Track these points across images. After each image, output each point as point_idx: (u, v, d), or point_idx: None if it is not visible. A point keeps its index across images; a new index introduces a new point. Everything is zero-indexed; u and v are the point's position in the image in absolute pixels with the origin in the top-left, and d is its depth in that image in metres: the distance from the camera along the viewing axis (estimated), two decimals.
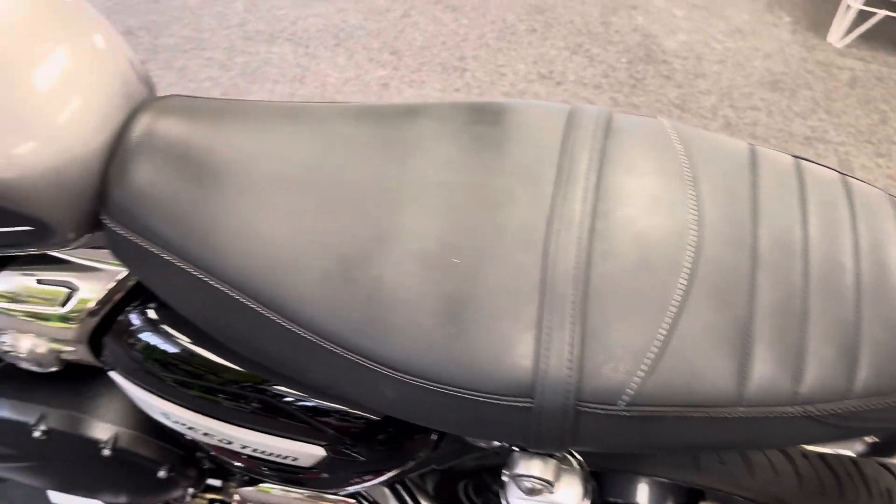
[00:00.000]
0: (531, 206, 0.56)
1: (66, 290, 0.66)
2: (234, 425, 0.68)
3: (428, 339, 0.53)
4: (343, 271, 0.54)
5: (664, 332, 0.51)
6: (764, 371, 0.51)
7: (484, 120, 0.62)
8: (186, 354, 0.66)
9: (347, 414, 0.66)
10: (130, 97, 0.60)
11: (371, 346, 0.54)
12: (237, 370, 0.66)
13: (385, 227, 0.56)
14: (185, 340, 0.66)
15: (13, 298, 0.67)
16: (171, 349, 0.66)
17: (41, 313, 0.67)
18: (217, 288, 0.56)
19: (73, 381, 0.79)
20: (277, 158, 0.58)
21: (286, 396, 0.66)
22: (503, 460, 0.71)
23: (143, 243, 0.57)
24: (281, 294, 0.55)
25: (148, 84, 0.64)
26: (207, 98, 0.63)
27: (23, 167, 0.53)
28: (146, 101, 0.62)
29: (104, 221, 0.59)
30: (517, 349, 0.52)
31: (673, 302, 0.52)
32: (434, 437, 0.70)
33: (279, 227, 0.56)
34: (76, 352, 0.72)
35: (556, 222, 0.55)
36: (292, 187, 0.57)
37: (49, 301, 0.67)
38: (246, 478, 0.87)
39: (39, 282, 0.67)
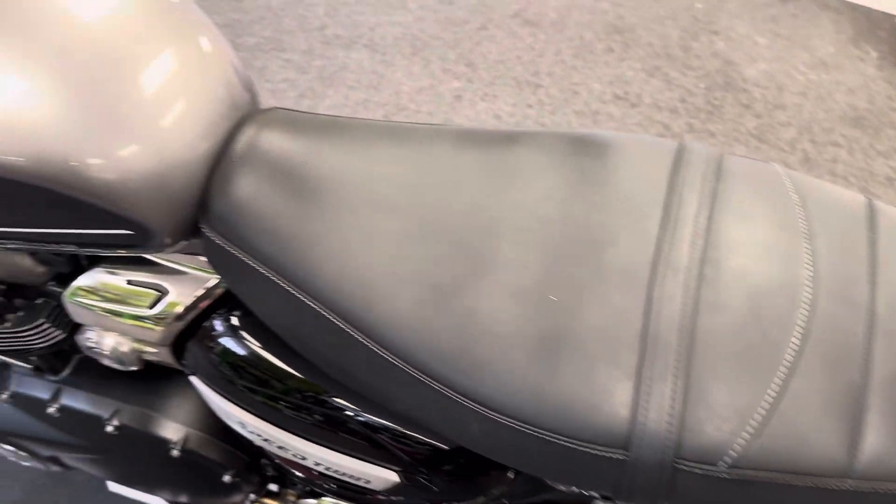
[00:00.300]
0: (635, 246, 0.54)
1: (156, 293, 0.67)
2: (312, 442, 0.68)
3: (520, 377, 0.51)
4: (436, 300, 0.53)
5: (774, 393, 0.49)
6: (876, 443, 0.48)
7: (587, 152, 0.60)
8: (269, 366, 0.66)
9: (427, 443, 0.65)
10: (234, 104, 0.60)
11: (460, 378, 0.52)
12: (319, 387, 0.65)
13: (482, 257, 0.54)
14: (268, 352, 0.66)
15: (102, 297, 0.68)
16: (254, 359, 0.66)
17: (128, 313, 0.68)
18: (309, 305, 0.55)
19: (148, 380, 0.80)
20: (378, 180, 0.58)
21: (365, 418, 0.66)
22: (576, 500, 0.69)
23: (240, 255, 0.57)
24: (372, 318, 0.54)
25: (251, 90, 0.64)
26: (310, 113, 0.63)
27: (125, 170, 0.53)
28: (250, 111, 0.62)
29: (203, 230, 0.59)
30: (614, 397, 0.50)
31: (784, 361, 0.50)
32: (511, 474, 0.69)
33: (376, 250, 0.55)
34: (158, 354, 0.72)
35: (661, 265, 0.53)
36: (391, 211, 0.56)
37: (137, 302, 0.67)
38: (307, 488, 0.86)
39: (129, 282, 0.67)
